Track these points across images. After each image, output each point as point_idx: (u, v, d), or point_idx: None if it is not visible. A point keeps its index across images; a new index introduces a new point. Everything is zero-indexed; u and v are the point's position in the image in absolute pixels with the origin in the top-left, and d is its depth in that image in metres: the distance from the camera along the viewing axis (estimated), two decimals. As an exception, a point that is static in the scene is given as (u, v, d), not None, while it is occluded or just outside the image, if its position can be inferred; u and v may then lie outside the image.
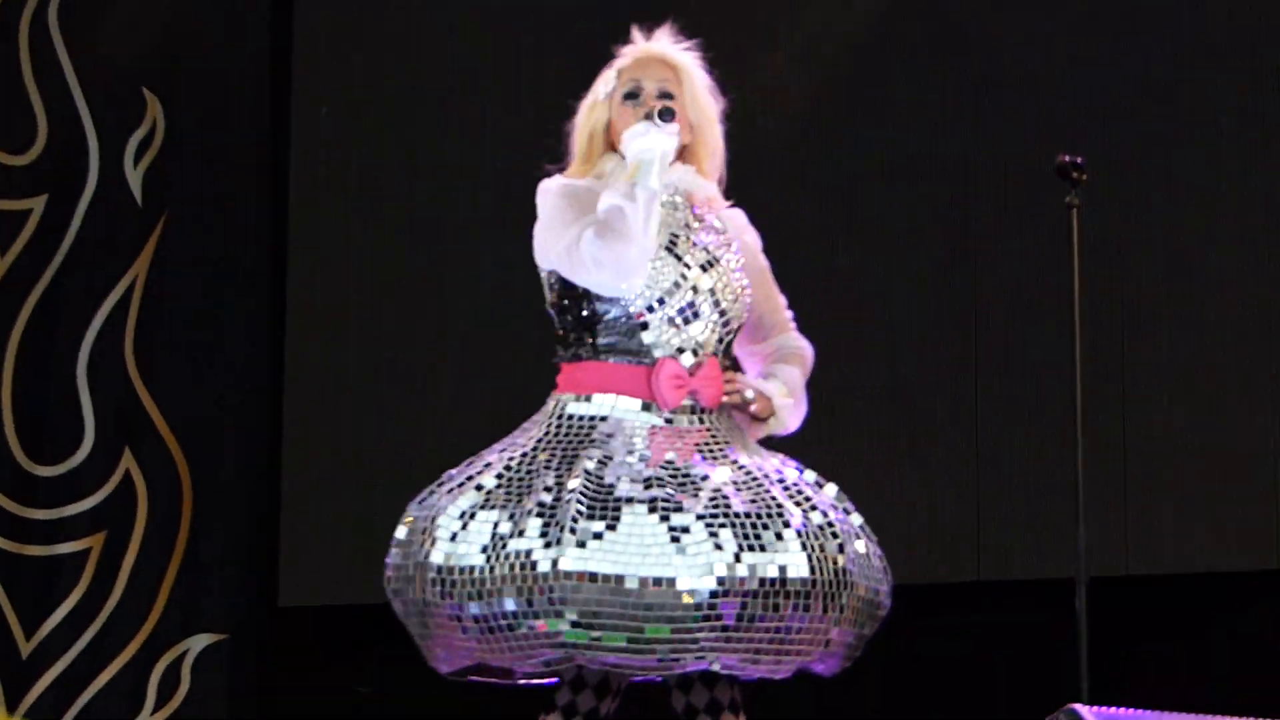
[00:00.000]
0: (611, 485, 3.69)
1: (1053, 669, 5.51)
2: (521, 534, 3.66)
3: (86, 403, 7.54)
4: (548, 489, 3.71)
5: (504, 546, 3.68)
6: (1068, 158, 5.74)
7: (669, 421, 3.85)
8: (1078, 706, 4.16)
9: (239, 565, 7.48)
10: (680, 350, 3.87)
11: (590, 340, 3.95)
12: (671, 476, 3.71)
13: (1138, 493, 6.57)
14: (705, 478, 3.72)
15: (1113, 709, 4.16)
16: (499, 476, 3.81)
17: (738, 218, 4.16)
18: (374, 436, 7.32)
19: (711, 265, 3.96)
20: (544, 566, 3.61)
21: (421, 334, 7.35)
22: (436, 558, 3.78)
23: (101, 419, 7.53)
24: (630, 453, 3.78)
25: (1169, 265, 6.67)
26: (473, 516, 3.77)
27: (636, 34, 4.08)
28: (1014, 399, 6.75)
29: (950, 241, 6.88)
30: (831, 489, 3.91)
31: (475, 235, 7.33)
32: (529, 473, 3.78)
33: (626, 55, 4.06)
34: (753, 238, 4.17)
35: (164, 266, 7.60)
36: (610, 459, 3.76)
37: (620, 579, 3.57)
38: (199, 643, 7.43)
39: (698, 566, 3.56)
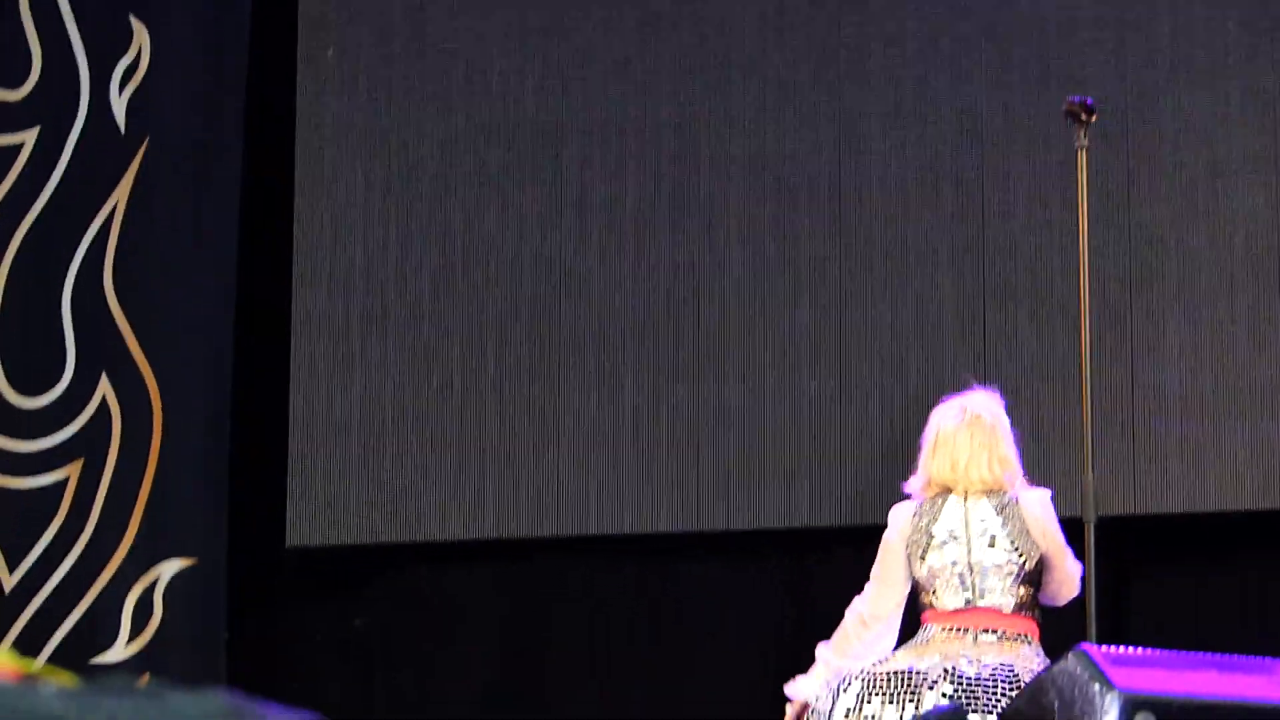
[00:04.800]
0: None
1: (1061, 610, 5.51)
2: None
3: (69, 333, 7.51)
4: None
5: None
6: (1077, 100, 5.71)
7: None
8: (1087, 646, 4.13)
9: (210, 491, 7.43)
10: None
11: None
12: None
13: (1145, 433, 6.57)
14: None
15: (1122, 649, 4.14)
16: None
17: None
18: (380, 377, 7.30)
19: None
20: None
21: (427, 272, 7.32)
22: None
23: (82, 347, 7.50)
24: None
25: (1177, 208, 6.66)
26: None
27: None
28: (1021, 341, 6.75)
29: (958, 185, 6.86)
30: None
31: (484, 173, 7.30)
32: None
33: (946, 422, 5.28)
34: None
35: (143, 194, 7.56)
36: None
37: None
38: (169, 568, 7.37)
39: None
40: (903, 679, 4.99)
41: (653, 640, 7.09)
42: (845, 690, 5.09)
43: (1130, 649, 4.16)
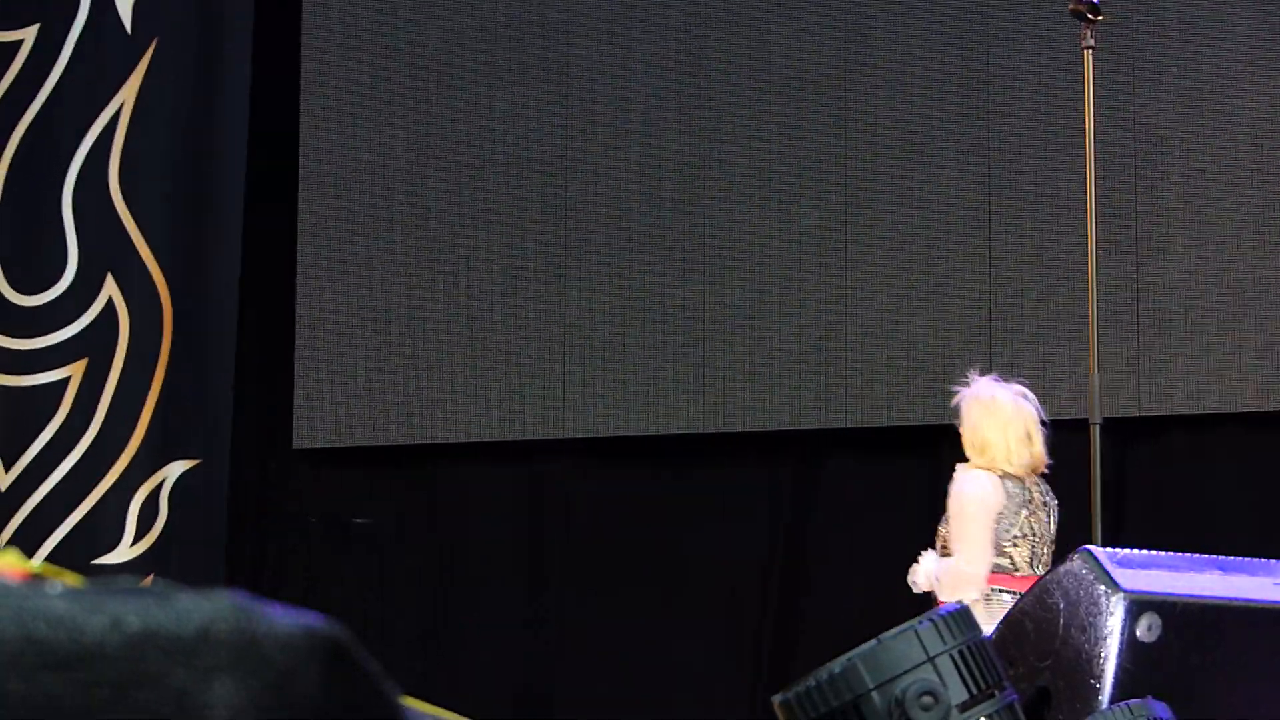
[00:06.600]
0: None
1: (1066, 510, 5.52)
2: None
3: (70, 231, 7.49)
4: None
5: None
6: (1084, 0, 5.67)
7: None
8: (1092, 548, 4.11)
9: (216, 391, 7.44)
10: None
11: None
12: None
13: (1150, 334, 6.57)
14: None
15: (1127, 550, 4.12)
16: None
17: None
18: (387, 283, 7.30)
19: None
20: None
21: (434, 172, 7.31)
22: None
23: (85, 247, 7.49)
24: None
25: (1182, 107, 6.64)
26: None
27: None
28: (1027, 242, 6.73)
29: (965, 84, 6.83)
30: None
31: (491, 73, 7.28)
32: None
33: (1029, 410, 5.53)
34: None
35: (151, 94, 7.53)
36: None
37: None
38: (176, 470, 7.38)
39: None
40: None
41: (659, 539, 7.10)
42: None
43: (1134, 550, 4.15)
